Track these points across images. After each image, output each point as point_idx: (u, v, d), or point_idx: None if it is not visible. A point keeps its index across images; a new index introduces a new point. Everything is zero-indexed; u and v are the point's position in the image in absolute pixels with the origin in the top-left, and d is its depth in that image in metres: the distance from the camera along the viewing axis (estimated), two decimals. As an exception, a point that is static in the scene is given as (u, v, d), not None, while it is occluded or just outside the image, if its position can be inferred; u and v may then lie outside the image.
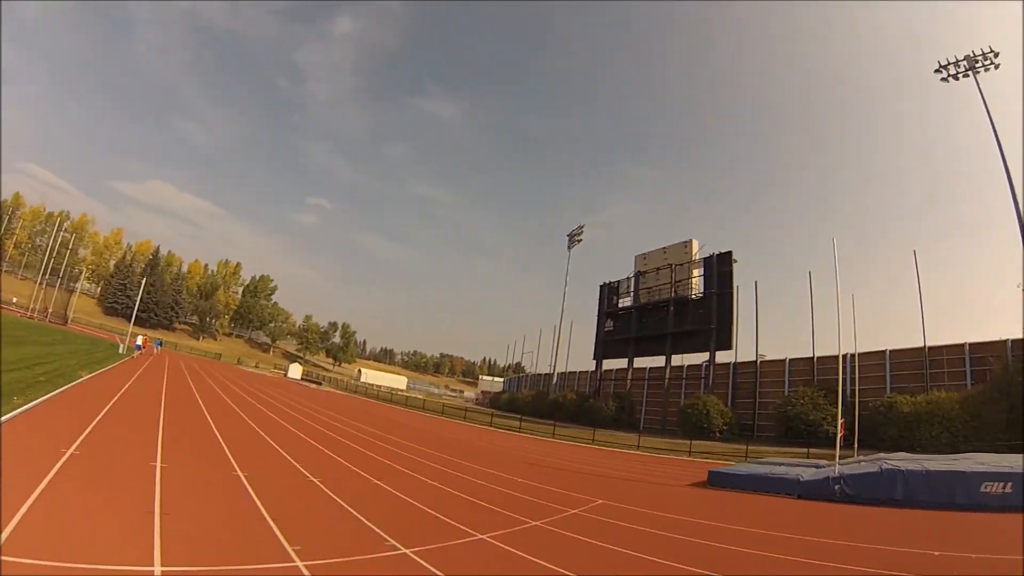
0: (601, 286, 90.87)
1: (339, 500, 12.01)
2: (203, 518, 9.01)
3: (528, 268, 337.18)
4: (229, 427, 21.23)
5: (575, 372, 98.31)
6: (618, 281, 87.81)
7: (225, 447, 16.59)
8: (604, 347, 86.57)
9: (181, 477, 11.46)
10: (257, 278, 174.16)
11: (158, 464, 12.03)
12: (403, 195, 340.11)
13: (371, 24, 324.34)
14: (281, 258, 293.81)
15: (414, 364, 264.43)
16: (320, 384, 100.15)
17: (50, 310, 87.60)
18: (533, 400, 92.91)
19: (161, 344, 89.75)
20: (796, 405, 50.16)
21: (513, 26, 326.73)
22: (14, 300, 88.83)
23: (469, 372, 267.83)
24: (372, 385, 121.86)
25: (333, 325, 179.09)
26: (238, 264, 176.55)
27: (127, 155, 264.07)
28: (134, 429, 16.69)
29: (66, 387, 20.92)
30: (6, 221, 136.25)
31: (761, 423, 59.54)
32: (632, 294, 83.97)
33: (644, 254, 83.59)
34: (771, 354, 66.31)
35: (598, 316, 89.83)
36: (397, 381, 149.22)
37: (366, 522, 10.42)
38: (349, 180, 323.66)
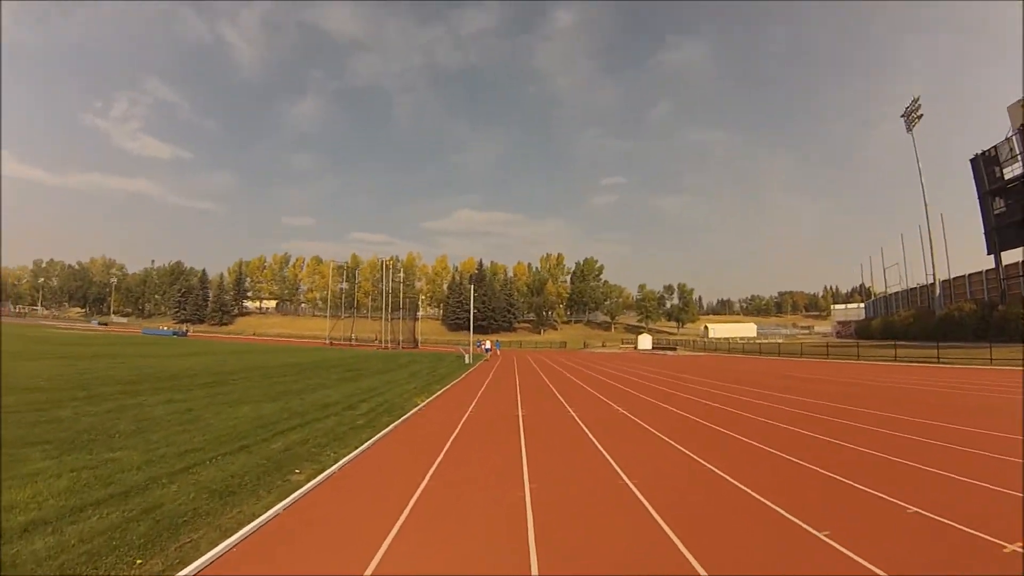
0: (972, 159, 70.22)
1: None
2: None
3: (833, 187, 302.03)
4: (614, 432, 14.36)
5: (963, 276, 77.15)
6: (994, 147, 66.36)
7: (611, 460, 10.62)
8: (999, 235, 66.22)
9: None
10: (582, 263, 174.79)
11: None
12: (679, 148, 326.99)
13: (586, 6, 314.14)
14: (594, 242, 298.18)
15: (754, 308, 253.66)
16: (675, 349, 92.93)
17: (401, 338, 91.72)
18: (915, 321, 75.83)
19: (499, 345, 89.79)
20: None
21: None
22: (374, 338, 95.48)
23: (813, 306, 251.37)
24: (724, 339, 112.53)
25: (669, 288, 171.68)
26: (560, 255, 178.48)
27: (431, 197, 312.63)
28: (488, 458, 11.38)
29: (392, 426, 14.80)
30: (355, 278, 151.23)
31: None
32: (1021, 157, 63.11)
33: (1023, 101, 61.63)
34: None
35: (980, 198, 69.23)
36: (746, 330, 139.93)
37: None
38: (623, 150, 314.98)
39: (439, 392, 23.53)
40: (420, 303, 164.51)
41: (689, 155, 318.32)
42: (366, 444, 12.03)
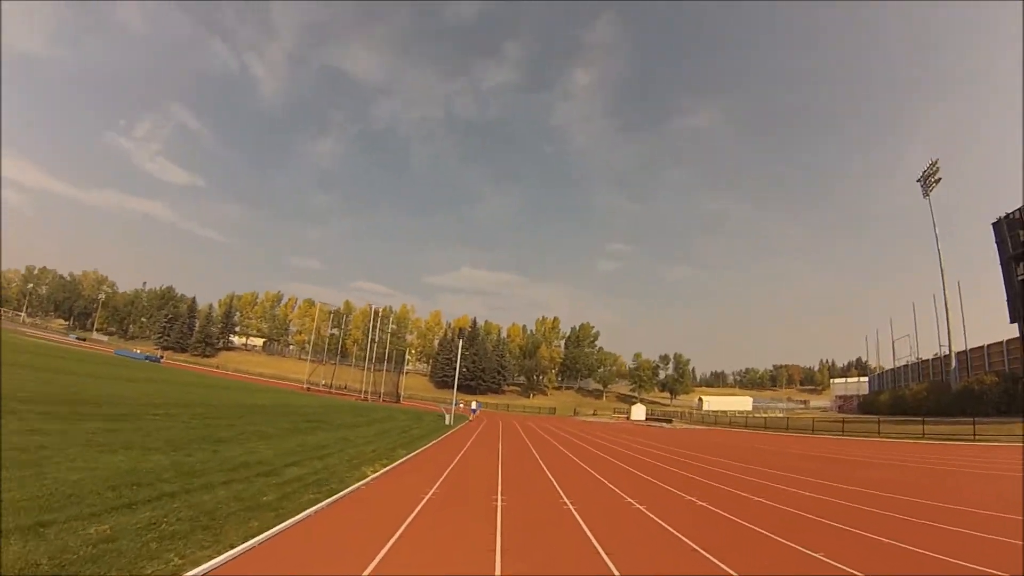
0: (995, 223, 65.58)
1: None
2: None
3: (840, 257, 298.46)
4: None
5: (981, 347, 71.63)
6: (1019, 209, 62.12)
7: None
8: (1024, 302, 60.81)
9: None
10: (577, 328, 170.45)
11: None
12: (692, 215, 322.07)
13: (604, 65, 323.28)
14: (591, 308, 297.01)
15: (749, 381, 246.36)
16: (671, 421, 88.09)
17: (383, 391, 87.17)
18: (929, 394, 70.38)
19: (479, 407, 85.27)
20: None
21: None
22: (357, 388, 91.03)
23: (808, 379, 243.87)
24: (719, 412, 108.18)
25: (664, 358, 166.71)
26: (555, 319, 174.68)
27: (437, 250, 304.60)
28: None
29: (310, 511, 10.10)
30: (345, 324, 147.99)
31: None
32: (1048, 219, 58.03)
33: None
34: None
35: (1002, 263, 64.73)
36: (741, 403, 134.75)
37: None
38: (634, 214, 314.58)
39: (403, 459, 19.17)
40: (409, 357, 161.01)
41: (699, 221, 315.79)
42: (239, 548, 7.36)
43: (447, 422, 44.23)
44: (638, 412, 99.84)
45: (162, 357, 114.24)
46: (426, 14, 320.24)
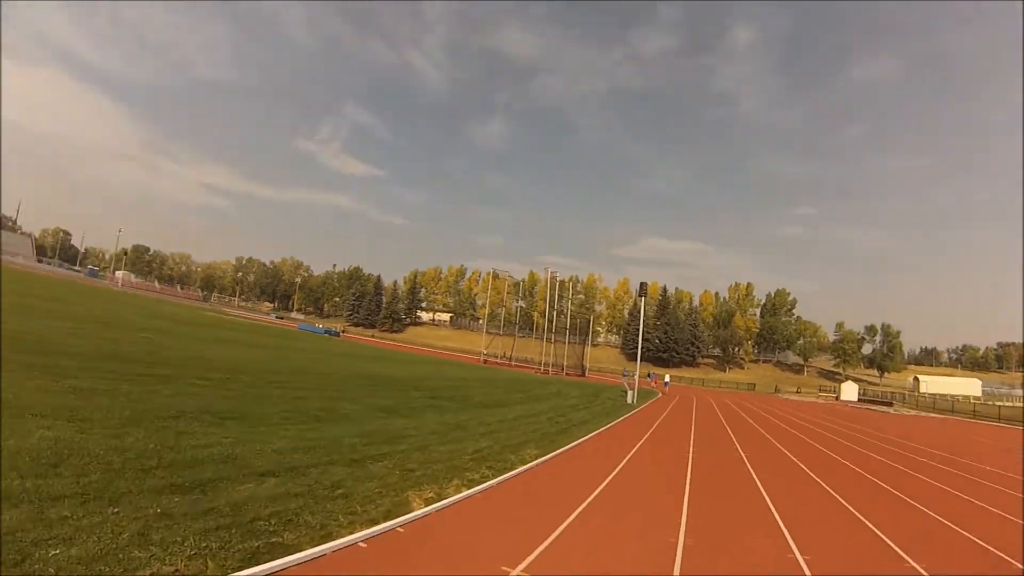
0: None
1: None
2: None
3: None
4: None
5: None
6: None
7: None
8: None
9: None
10: (773, 294, 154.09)
11: None
12: (879, 174, 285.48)
13: (766, 19, 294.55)
14: (778, 276, 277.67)
15: (967, 361, 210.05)
16: (891, 405, 75.37)
17: (565, 363, 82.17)
18: None
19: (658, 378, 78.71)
20: None
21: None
22: (527, 358, 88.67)
23: None
24: (939, 395, 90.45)
25: (871, 329, 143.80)
26: (749, 284, 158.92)
27: (618, 222, 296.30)
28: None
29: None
30: (531, 296, 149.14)
31: None
32: None
33: None
34: None
35: None
36: (968, 386, 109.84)
37: None
38: (812, 177, 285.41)
39: (523, 466, 12.50)
40: (599, 329, 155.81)
41: (887, 180, 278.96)
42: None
43: (629, 400, 37.01)
44: (849, 391, 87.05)
45: (342, 331, 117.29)
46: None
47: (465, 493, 9.21)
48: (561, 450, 15.01)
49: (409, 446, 12.20)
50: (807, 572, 7.26)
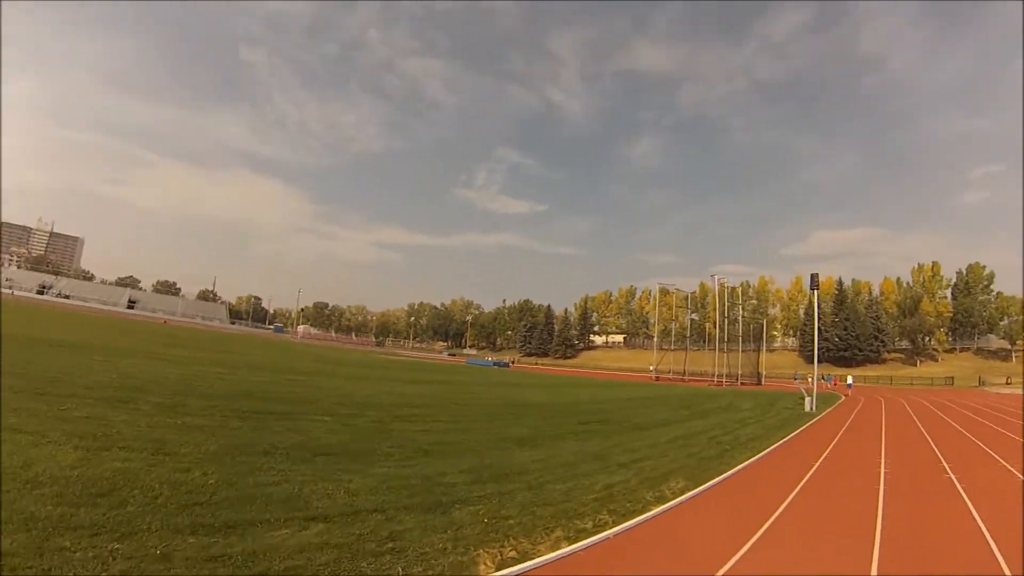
0: None
1: None
2: None
3: None
4: None
5: None
6: None
7: None
8: None
9: None
10: (964, 271, 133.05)
11: None
12: None
13: None
14: (967, 252, 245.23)
15: None
16: None
17: (740, 372, 77.64)
18: None
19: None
20: None
21: None
22: (702, 372, 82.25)
23: None
24: None
25: None
26: (935, 264, 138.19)
27: (783, 221, 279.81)
28: None
29: None
30: (703, 307, 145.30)
31: None
32: None
33: None
34: None
35: None
36: None
37: None
38: (988, 129, 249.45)
39: (665, 504, 10.25)
40: (776, 333, 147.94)
41: None
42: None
43: (807, 408, 32.72)
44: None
45: (511, 362, 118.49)
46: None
47: (558, 553, 7.16)
48: (717, 480, 12.37)
49: (521, 484, 10.36)
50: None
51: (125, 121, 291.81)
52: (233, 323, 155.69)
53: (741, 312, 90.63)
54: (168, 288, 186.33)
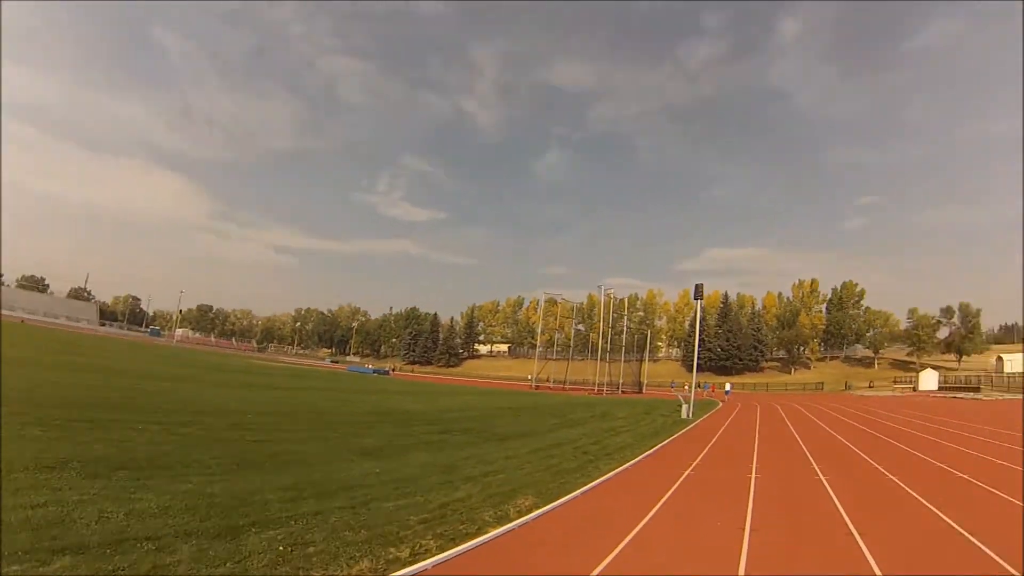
0: None
1: None
2: None
3: None
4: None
5: None
6: None
7: None
8: None
9: None
10: (839, 288, 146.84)
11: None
12: (946, 149, 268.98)
13: (810, 19, 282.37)
14: (846, 272, 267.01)
15: None
16: (978, 390, 70.12)
17: (620, 381, 79.09)
18: None
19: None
20: None
21: None
22: (583, 380, 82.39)
23: None
24: None
25: (947, 311, 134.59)
26: (814, 281, 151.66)
27: (679, 237, 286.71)
28: None
29: None
30: (590, 318, 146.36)
31: None
32: None
33: None
34: None
35: None
36: None
37: None
38: (878, 163, 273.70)
39: (515, 521, 9.46)
40: (660, 344, 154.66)
41: (958, 151, 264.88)
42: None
43: (684, 415, 33.06)
44: (928, 380, 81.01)
45: (392, 370, 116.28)
46: (615, 10, 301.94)
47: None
48: (572, 495, 11.26)
49: (345, 502, 9.18)
50: None
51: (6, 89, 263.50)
52: (104, 324, 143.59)
53: (627, 323, 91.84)
54: (34, 284, 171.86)
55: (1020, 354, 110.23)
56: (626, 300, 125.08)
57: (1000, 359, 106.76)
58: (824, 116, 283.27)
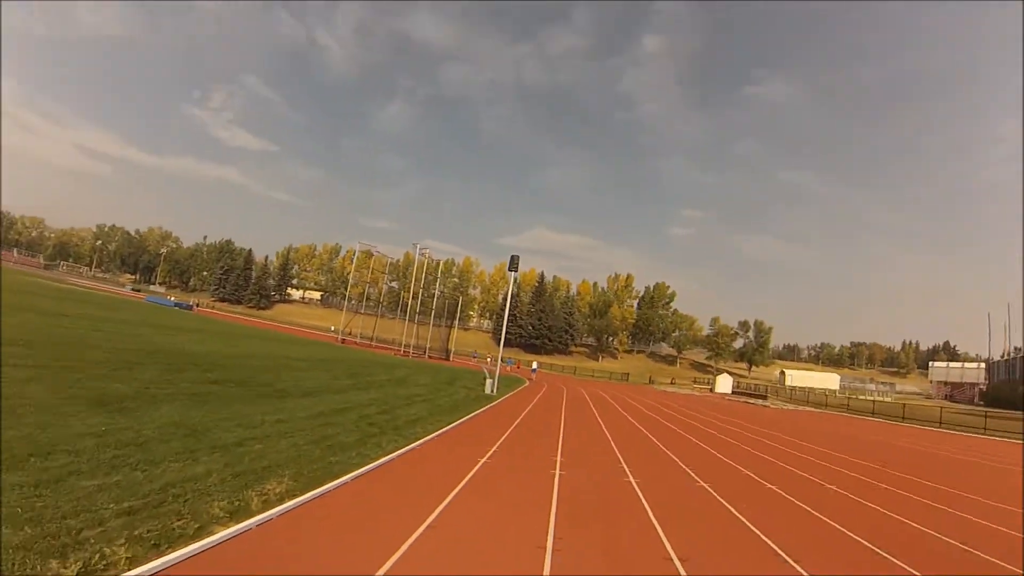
0: None
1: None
2: None
3: (930, 235, 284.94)
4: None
5: None
6: None
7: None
8: None
9: None
10: (652, 287, 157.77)
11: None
12: (768, 187, 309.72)
13: (674, 34, 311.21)
14: (664, 274, 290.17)
15: (825, 358, 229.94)
16: (765, 398, 75.84)
17: (428, 346, 78.26)
18: None
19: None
20: None
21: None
22: (391, 340, 79.88)
23: (890, 361, 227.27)
24: (803, 389, 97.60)
25: (744, 324, 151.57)
26: (629, 276, 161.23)
27: (509, 212, 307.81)
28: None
29: None
30: (405, 277, 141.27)
31: None
32: None
33: None
34: None
35: None
36: (827, 381, 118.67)
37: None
38: (707, 183, 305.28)
39: (255, 518, 7.12)
40: (472, 313, 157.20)
41: (775, 193, 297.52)
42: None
43: (488, 390, 31.63)
44: (724, 384, 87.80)
45: (195, 305, 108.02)
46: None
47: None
48: (337, 483, 8.81)
49: (35, 475, 6.59)
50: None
51: None
52: None
53: (440, 286, 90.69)
54: None
55: (799, 371, 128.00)
56: (441, 263, 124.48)
57: (783, 372, 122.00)
58: (667, 131, 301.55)
